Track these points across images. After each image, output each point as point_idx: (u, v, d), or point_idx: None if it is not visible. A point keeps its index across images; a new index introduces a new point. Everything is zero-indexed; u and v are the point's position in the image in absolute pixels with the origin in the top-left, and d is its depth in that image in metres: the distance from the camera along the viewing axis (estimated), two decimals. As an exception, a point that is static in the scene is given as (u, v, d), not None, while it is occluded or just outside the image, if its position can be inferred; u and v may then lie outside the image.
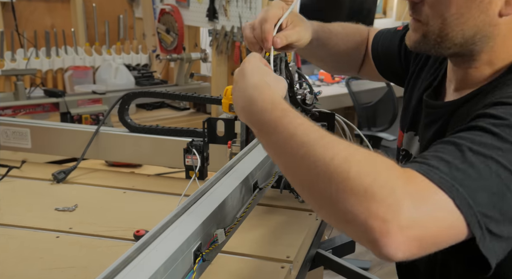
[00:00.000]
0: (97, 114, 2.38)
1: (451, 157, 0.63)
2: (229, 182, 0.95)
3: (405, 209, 0.57)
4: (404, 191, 0.58)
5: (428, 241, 0.59)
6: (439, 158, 0.64)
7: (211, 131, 1.39)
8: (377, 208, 0.57)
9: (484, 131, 0.66)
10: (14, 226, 1.27)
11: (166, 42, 3.18)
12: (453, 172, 0.62)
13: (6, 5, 2.89)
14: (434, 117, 0.92)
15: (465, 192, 0.60)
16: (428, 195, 0.59)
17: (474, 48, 0.82)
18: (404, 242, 0.57)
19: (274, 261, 1.11)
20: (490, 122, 0.67)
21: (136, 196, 1.48)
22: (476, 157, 0.63)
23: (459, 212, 0.60)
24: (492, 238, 0.63)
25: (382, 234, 0.57)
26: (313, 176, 0.63)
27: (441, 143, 0.68)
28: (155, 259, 0.67)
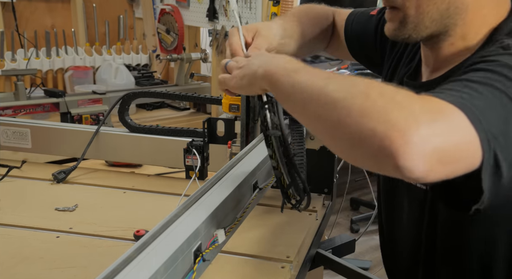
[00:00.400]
0: (97, 114, 2.38)
1: (455, 86, 0.66)
2: (229, 182, 0.95)
3: (424, 121, 0.57)
4: (422, 107, 0.59)
5: (448, 155, 0.58)
6: (444, 88, 0.66)
7: (211, 131, 1.39)
8: (397, 120, 0.57)
9: (479, 70, 0.69)
10: (14, 226, 1.27)
11: (166, 42, 3.18)
12: (462, 94, 0.63)
13: (6, 5, 2.89)
14: None
15: (475, 108, 0.61)
16: (445, 111, 0.60)
17: (449, 21, 0.85)
18: (426, 153, 0.56)
19: (274, 261, 1.11)
20: (483, 65, 0.70)
21: (136, 196, 1.48)
22: (477, 84, 0.65)
23: (472, 127, 0.60)
24: (494, 167, 0.64)
25: (404, 144, 0.56)
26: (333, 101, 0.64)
27: (439, 87, 0.69)
28: (155, 259, 0.67)
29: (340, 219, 3.43)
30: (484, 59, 0.73)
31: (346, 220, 3.46)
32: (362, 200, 3.65)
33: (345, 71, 3.89)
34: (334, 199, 1.44)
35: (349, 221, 3.42)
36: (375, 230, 3.41)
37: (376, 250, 3.07)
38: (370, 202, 3.53)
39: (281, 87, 0.75)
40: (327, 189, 1.39)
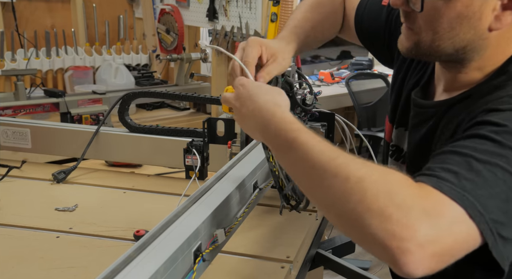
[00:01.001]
0: (97, 114, 2.38)
1: (458, 168, 0.65)
2: (229, 182, 0.95)
3: (422, 227, 0.59)
4: (420, 209, 0.60)
5: (446, 255, 0.61)
6: (447, 169, 0.65)
7: (211, 131, 1.39)
8: (394, 229, 0.59)
9: (485, 139, 0.68)
10: (14, 226, 1.27)
11: (166, 42, 3.18)
12: (462, 182, 0.63)
13: (6, 5, 2.89)
14: (423, 117, 0.92)
15: (475, 200, 0.62)
16: (443, 210, 0.61)
17: (465, 57, 0.83)
18: (423, 259, 0.59)
19: (274, 261, 1.12)
20: (490, 130, 0.68)
21: (136, 196, 1.48)
22: (482, 165, 0.65)
23: (472, 221, 0.61)
24: (503, 242, 0.65)
25: (402, 254, 0.58)
26: (330, 197, 0.65)
27: (444, 153, 0.69)
28: (155, 259, 0.68)
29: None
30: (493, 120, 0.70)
31: (346, 220, 3.46)
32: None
33: (345, 70, 3.89)
34: (334, 199, 1.43)
35: (349, 221, 3.41)
36: (375, 230, 3.41)
37: (376, 250, 3.06)
38: (370, 202, 3.52)
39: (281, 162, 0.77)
40: (327, 189, 1.39)
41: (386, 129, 1.10)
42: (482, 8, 0.77)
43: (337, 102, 3.48)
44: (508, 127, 0.68)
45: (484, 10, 0.77)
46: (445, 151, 0.69)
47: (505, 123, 0.69)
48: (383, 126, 3.65)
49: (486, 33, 0.79)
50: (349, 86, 3.41)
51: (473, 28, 0.78)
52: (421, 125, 0.92)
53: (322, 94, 1.34)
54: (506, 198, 0.64)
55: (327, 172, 0.66)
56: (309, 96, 1.22)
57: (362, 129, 3.41)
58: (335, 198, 0.64)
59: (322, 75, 3.70)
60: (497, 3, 0.76)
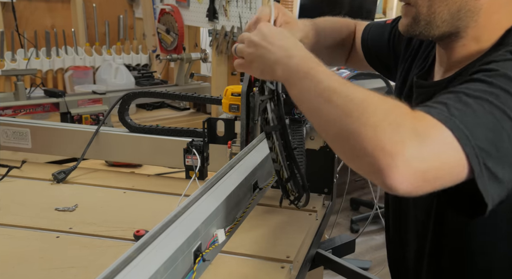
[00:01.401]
0: (97, 114, 2.38)
1: (448, 100, 0.70)
2: (229, 182, 0.95)
3: (410, 144, 0.63)
4: (411, 128, 0.64)
5: (431, 174, 0.64)
6: (439, 102, 0.70)
7: (211, 131, 1.39)
8: (385, 143, 0.63)
9: (477, 81, 0.73)
10: (14, 226, 1.27)
11: (166, 42, 3.18)
12: (451, 110, 0.67)
13: (6, 5, 2.89)
14: (424, 96, 0.95)
15: (463, 125, 0.66)
16: (432, 131, 0.65)
17: (460, 23, 0.86)
18: (407, 175, 0.62)
19: (274, 261, 1.11)
20: (483, 74, 0.73)
21: (136, 196, 1.48)
22: (471, 99, 0.69)
23: (458, 144, 0.65)
24: (490, 177, 0.67)
25: (389, 167, 0.62)
26: (333, 114, 0.70)
27: (441, 94, 0.73)
28: (155, 259, 0.67)
29: (340, 219, 3.44)
30: (487, 67, 0.75)
31: (346, 220, 3.46)
32: (362, 200, 3.65)
33: (345, 71, 3.89)
34: (334, 199, 1.44)
35: (349, 221, 3.42)
36: (375, 230, 3.41)
37: (376, 250, 3.07)
38: (370, 202, 3.53)
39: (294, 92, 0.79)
40: (327, 189, 1.39)
41: None
42: None
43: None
44: (499, 71, 0.72)
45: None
46: (442, 92, 0.74)
47: (497, 68, 0.73)
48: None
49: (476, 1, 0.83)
50: (349, 86, 3.41)
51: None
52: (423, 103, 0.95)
53: (322, 94, 1.34)
54: (493, 128, 0.67)
55: (336, 92, 0.71)
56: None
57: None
58: (337, 115, 0.69)
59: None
60: None
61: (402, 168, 0.62)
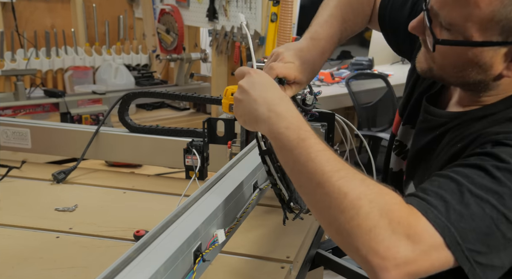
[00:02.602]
0: (97, 114, 2.38)
1: (450, 197, 0.69)
2: (229, 182, 0.95)
3: (402, 250, 0.65)
4: (404, 233, 0.66)
5: (420, 274, 0.68)
6: (440, 196, 0.69)
7: (211, 131, 1.39)
8: (378, 248, 0.65)
9: (486, 172, 0.71)
10: (14, 226, 1.27)
11: (166, 42, 3.18)
12: (449, 212, 0.68)
13: (6, 5, 2.89)
14: (431, 124, 0.93)
15: (456, 232, 0.67)
16: (425, 236, 0.67)
17: (478, 89, 0.84)
18: (399, 276, 0.65)
19: (274, 261, 1.11)
20: (493, 164, 0.71)
21: (136, 196, 1.48)
22: (473, 199, 0.69)
23: (449, 251, 0.67)
24: (483, 268, 0.69)
25: (380, 270, 0.65)
26: (326, 204, 0.69)
27: (443, 176, 0.72)
28: (155, 259, 0.67)
29: (340, 219, 3.43)
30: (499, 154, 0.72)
31: (346, 220, 3.46)
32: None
33: (345, 71, 3.89)
34: (334, 199, 1.43)
35: (349, 221, 3.41)
36: (375, 230, 3.40)
37: (376, 250, 3.05)
38: (370, 202, 3.51)
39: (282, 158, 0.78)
40: (327, 189, 1.39)
41: (395, 121, 1.11)
42: (493, 60, 0.77)
43: (337, 102, 3.48)
44: (510, 164, 0.70)
45: (495, 60, 0.77)
46: (445, 175, 0.72)
47: (509, 160, 0.71)
48: (383, 126, 3.67)
49: (497, 77, 0.80)
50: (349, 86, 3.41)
51: (483, 73, 0.80)
52: (428, 132, 0.93)
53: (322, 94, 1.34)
54: (489, 232, 0.68)
55: (329, 182, 0.69)
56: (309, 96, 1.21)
57: (362, 129, 3.40)
58: (330, 207, 0.69)
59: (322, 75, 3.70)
60: (509, 54, 0.76)
61: (393, 271, 0.65)
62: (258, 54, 2.64)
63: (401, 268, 0.65)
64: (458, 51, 0.78)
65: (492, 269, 0.70)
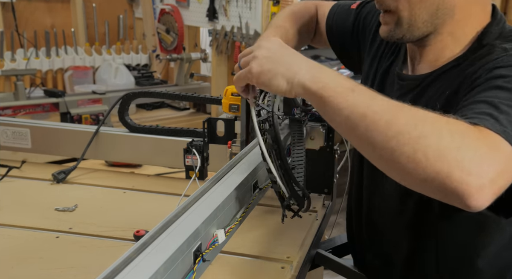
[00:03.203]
0: (97, 114, 2.38)
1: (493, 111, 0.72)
2: (229, 182, 0.95)
3: (492, 164, 0.64)
4: (485, 147, 0.66)
5: (505, 187, 0.67)
6: (484, 112, 0.72)
7: (211, 131, 1.39)
8: (470, 167, 0.63)
9: (499, 88, 0.76)
10: (14, 226, 1.27)
11: (166, 42, 3.18)
12: (502, 121, 0.70)
13: (6, 5, 2.89)
14: (408, 88, 0.99)
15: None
16: (500, 146, 0.67)
17: (439, 22, 0.91)
18: (493, 193, 0.65)
19: (274, 261, 1.11)
20: (503, 81, 0.77)
21: (136, 196, 1.48)
22: (507, 108, 0.72)
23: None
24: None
25: (477, 189, 0.63)
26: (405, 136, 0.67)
27: (472, 103, 0.76)
28: (155, 259, 0.67)
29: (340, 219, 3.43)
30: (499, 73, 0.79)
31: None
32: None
33: (345, 70, 3.89)
34: (334, 199, 1.44)
35: (349, 221, 3.41)
36: (375, 230, 3.39)
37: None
38: (370, 202, 3.52)
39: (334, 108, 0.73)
40: (327, 189, 1.39)
41: None
42: None
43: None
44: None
45: None
46: (472, 102, 0.77)
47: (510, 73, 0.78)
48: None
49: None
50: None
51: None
52: (405, 95, 0.99)
53: (322, 94, 1.34)
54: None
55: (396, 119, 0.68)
56: (309, 96, 1.21)
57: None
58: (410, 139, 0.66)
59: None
60: None
61: (489, 188, 0.64)
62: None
63: (495, 182, 0.64)
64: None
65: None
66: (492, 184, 0.64)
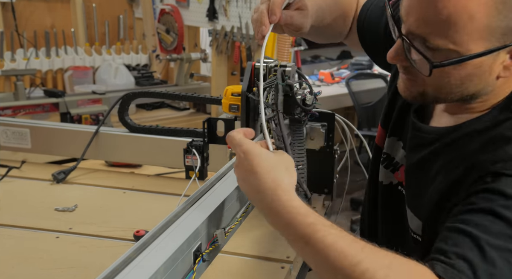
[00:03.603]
0: (97, 114, 2.38)
1: (472, 256, 0.65)
2: (229, 183, 0.95)
3: None
4: None
5: None
6: (462, 257, 0.66)
7: (211, 131, 1.39)
8: None
9: (496, 216, 0.67)
10: (14, 226, 1.26)
11: (166, 42, 3.18)
12: (477, 274, 0.64)
13: (6, 5, 2.89)
14: (421, 141, 0.90)
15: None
16: None
17: (474, 100, 0.81)
18: None
19: (274, 261, 1.11)
20: (501, 205, 0.68)
21: (136, 196, 1.48)
22: (495, 252, 0.65)
23: None
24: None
25: None
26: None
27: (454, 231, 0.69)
28: (155, 259, 0.67)
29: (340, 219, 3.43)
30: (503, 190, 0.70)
31: (346, 220, 3.46)
32: (362, 200, 3.64)
33: (345, 70, 3.89)
34: (334, 199, 1.44)
35: (349, 221, 3.42)
36: (375, 230, 3.40)
37: (376, 250, 3.06)
38: (370, 202, 3.52)
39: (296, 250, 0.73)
40: (327, 189, 1.39)
41: (378, 133, 1.08)
42: (492, 65, 0.75)
43: (337, 102, 3.48)
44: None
45: (494, 65, 0.75)
46: (456, 229, 0.69)
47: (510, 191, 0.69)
48: (383, 126, 3.62)
49: (494, 81, 0.78)
50: (349, 86, 3.41)
51: (483, 81, 0.77)
52: (419, 148, 0.90)
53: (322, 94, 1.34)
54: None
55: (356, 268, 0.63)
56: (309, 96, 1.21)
57: (362, 129, 3.41)
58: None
59: (322, 75, 3.70)
60: (506, 56, 0.75)
61: None
62: (258, 53, 2.64)
63: None
64: (457, 68, 0.75)
65: None
66: None
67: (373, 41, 1.11)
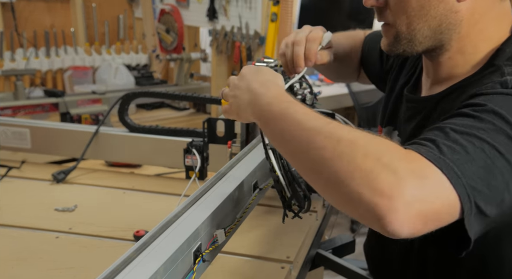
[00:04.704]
0: (97, 114, 2.38)
1: (438, 137, 0.67)
2: (229, 183, 0.95)
3: (409, 186, 0.59)
4: (407, 169, 0.61)
5: (431, 217, 0.61)
6: (428, 139, 0.68)
7: (211, 131, 1.39)
8: (382, 187, 0.59)
9: (464, 115, 0.70)
10: (14, 226, 1.26)
11: (166, 42, 3.18)
12: (441, 147, 0.65)
13: (5, 5, 2.89)
14: (415, 110, 0.94)
15: (453, 164, 0.63)
16: (428, 173, 0.62)
17: (443, 37, 0.85)
18: (409, 218, 0.59)
19: (274, 261, 1.11)
20: (470, 109, 0.71)
21: (136, 196, 1.48)
22: (459, 135, 0.66)
23: (452, 186, 0.62)
24: (477, 213, 0.65)
25: (389, 211, 0.59)
26: (320, 160, 0.65)
27: (428, 130, 0.71)
28: (155, 259, 0.67)
29: (340, 219, 3.44)
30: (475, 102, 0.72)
31: (346, 220, 3.46)
32: (362, 200, 3.64)
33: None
34: (334, 199, 1.43)
35: (349, 221, 3.42)
36: (375, 230, 3.41)
37: (376, 250, 3.06)
38: (370, 202, 3.52)
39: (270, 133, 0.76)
40: (327, 189, 1.39)
41: (378, 133, 1.12)
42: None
43: (337, 102, 3.47)
44: (487, 106, 0.70)
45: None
46: (429, 128, 0.72)
47: (485, 103, 0.70)
48: (383, 126, 3.63)
49: (455, 5, 0.81)
50: (349, 86, 3.41)
51: (441, 1, 0.81)
52: (412, 119, 0.95)
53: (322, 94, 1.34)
54: (484, 165, 0.64)
55: (321, 134, 0.67)
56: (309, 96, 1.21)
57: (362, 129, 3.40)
58: (325, 159, 0.65)
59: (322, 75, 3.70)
60: None
61: (403, 211, 0.59)
62: (258, 53, 2.64)
63: (412, 206, 0.59)
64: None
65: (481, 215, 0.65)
66: (407, 208, 0.59)
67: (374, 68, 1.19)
